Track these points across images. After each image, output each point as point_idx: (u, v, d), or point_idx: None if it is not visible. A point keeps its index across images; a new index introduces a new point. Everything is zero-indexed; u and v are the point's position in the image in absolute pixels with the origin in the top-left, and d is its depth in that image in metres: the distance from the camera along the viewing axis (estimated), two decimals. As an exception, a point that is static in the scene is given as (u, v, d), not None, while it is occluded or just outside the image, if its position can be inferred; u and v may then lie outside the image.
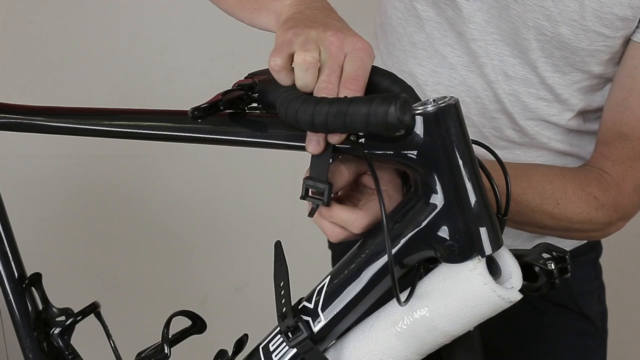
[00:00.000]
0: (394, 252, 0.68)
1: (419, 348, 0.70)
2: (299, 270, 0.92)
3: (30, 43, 1.83)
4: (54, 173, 1.90)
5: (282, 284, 0.74)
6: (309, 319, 0.72)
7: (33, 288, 0.97)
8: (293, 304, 0.73)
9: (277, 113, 0.67)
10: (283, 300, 0.73)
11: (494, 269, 0.68)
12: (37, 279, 0.97)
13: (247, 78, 0.75)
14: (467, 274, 0.66)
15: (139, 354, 0.88)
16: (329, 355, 0.74)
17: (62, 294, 1.03)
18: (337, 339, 0.75)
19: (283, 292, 0.73)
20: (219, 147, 0.78)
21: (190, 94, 1.09)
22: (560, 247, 0.73)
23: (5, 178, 1.04)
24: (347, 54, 0.67)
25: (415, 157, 0.65)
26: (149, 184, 1.96)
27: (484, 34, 0.94)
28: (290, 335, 0.72)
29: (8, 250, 0.97)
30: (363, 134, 0.67)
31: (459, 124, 0.65)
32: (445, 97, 0.65)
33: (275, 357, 0.75)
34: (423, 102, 0.66)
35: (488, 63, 0.96)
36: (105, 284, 1.97)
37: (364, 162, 0.70)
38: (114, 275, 1.99)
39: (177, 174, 1.96)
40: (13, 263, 0.97)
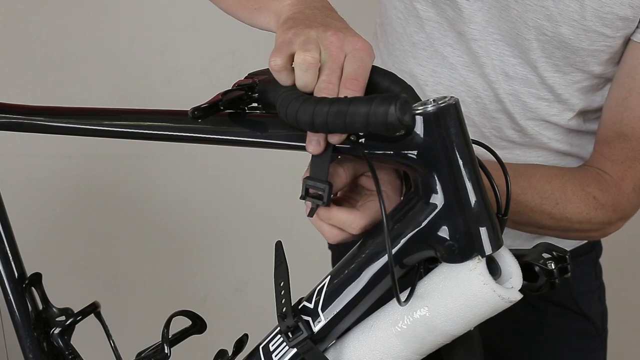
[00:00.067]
0: (394, 252, 0.68)
1: (419, 348, 0.70)
2: (299, 270, 0.92)
3: (30, 43, 1.83)
4: (54, 173, 1.90)
5: (282, 284, 0.74)
6: (309, 319, 0.72)
7: (33, 288, 0.97)
8: (293, 304, 0.73)
9: (277, 113, 0.67)
10: (283, 300, 0.72)
11: (494, 269, 0.68)
12: (37, 279, 0.97)
13: (247, 78, 0.75)
14: (467, 274, 0.66)
15: (139, 354, 0.88)
16: (329, 355, 0.74)
17: (62, 294, 1.03)
18: (337, 339, 0.75)
19: (283, 292, 0.73)
20: (219, 147, 0.78)
21: (190, 94, 1.09)
22: (561, 247, 0.73)
23: (5, 178, 1.04)
24: (347, 54, 0.67)
25: (415, 157, 0.65)
26: (149, 184, 1.96)
27: (485, 34, 0.94)
28: (290, 335, 0.72)
29: (8, 250, 0.97)
30: (363, 134, 0.67)
31: (459, 124, 0.65)
32: (446, 97, 0.65)
33: (275, 357, 0.75)
34: (423, 102, 0.66)
35: (488, 63, 0.96)
36: (105, 284, 1.97)
37: (362, 163, 0.71)
38: (114, 275, 1.99)
39: (177, 174, 1.96)
40: (13, 263, 0.97)
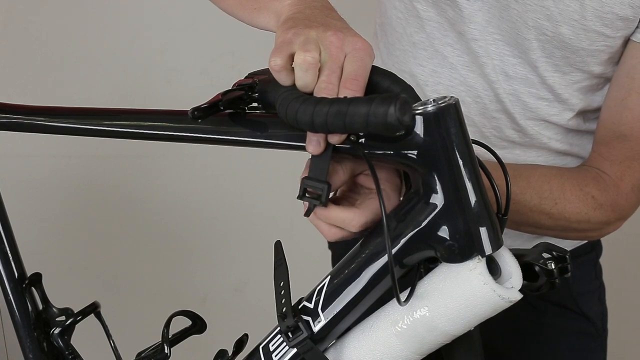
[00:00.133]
0: (394, 252, 0.68)
1: (419, 348, 0.70)
2: (299, 270, 0.92)
3: (30, 43, 1.83)
4: (54, 173, 1.90)
5: (282, 284, 0.74)
6: (309, 319, 0.72)
7: (33, 288, 0.97)
8: (293, 304, 0.73)
9: (277, 113, 0.67)
10: (283, 300, 0.72)
11: (494, 269, 0.68)
12: (37, 279, 0.97)
13: (247, 78, 0.75)
14: (467, 274, 0.66)
15: (139, 354, 0.88)
16: (329, 355, 0.74)
17: (62, 294, 1.03)
18: (337, 339, 0.75)
19: (283, 292, 0.73)
20: (219, 147, 0.78)
21: (190, 94, 1.09)
22: (561, 247, 0.73)
23: (5, 178, 1.04)
24: (347, 54, 0.67)
25: (416, 157, 0.65)
26: (149, 184, 1.96)
27: (485, 34, 0.94)
28: (290, 335, 0.72)
29: (8, 250, 0.97)
30: (363, 134, 0.67)
31: (459, 124, 0.65)
32: (446, 97, 0.65)
33: (275, 357, 0.75)
34: (423, 102, 0.66)
35: (488, 63, 0.96)
36: (105, 284, 1.97)
37: (360, 161, 0.70)
38: (114, 275, 1.99)
39: (177, 174, 1.96)
40: (13, 263, 0.97)
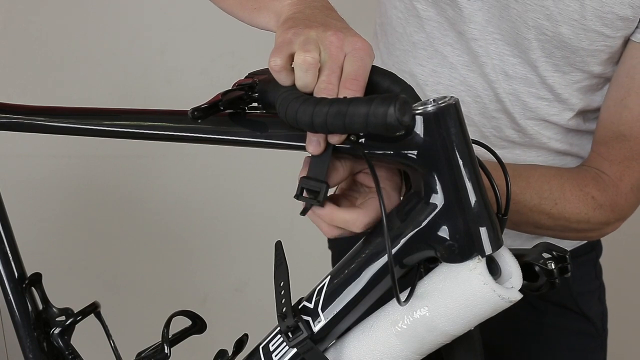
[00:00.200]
0: (394, 252, 0.68)
1: (419, 348, 0.70)
2: (299, 270, 0.92)
3: (30, 43, 1.83)
4: (54, 173, 1.90)
5: (282, 284, 0.74)
6: (309, 319, 0.72)
7: (33, 288, 0.97)
8: (293, 304, 0.73)
9: (277, 113, 0.67)
10: (283, 300, 0.72)
11: (494, 269, 0.68)
12: (37, 279, 0.97)
13: (247, 77, 0.75)
14: (467, 274, 0.66)
15: (139, 354, 0.88)
16: (329, 355, 0.74)
17: (62, 294, 1.03)
18: (337, 339, 0.75)
19: (283, 292, 0.73)
20: (219, 147, 0.78)
21: (190, 94, 1.09)
22: (561, 246, 0.73)
23: (5, 178, 1.04)
24: (347, 54, 0.67)
25: (416, 157, 0.65)
26: (149, 184, 1.96)
27: (485, 34, 0.94)
28: (291, 335, 0.72)
29: (8, 250, 0.97)
30: (363, 134, 0.67)
31: (459, 124, 0.65)
32: (446, 97, 0.65)
33: (275, 357, 0.75)
34: (423, 102, 0.66)
35: (488, 62, 0.96)
36: (105, 284, 1.97)
37: (360, 160, 0.70)
38: (114, 275, 1.99)
39: (177, 174, 1.96)
40: (13, 263, 0.97)
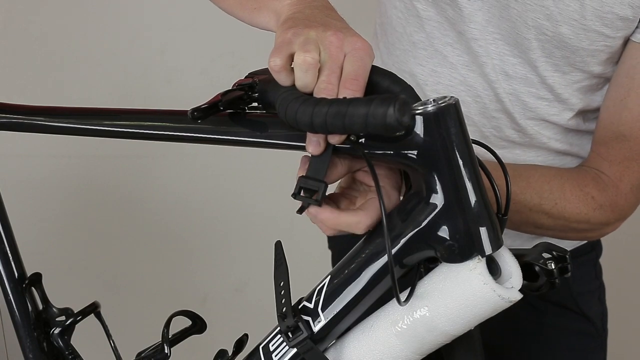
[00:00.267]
0: (394, 252, 0.68)
1: (419, 348, 0.70)
2: (299, 270, 0.92)
3: (30, 43, 1.83)
4: (54, 173, 1.90)
5: (282, 284, 0.74)
6: (309, 319, 0.72)
7: (33, 288, 0.97)
8: (293, 304, 0.73)
9: (277, 113, 0.67)
10: (283, 300, 0.72)
11: (494, 269, 0.68)
12: (37, 279, 0.97)
13: (247, 77, 0.75)
14: (467, 274, 0.66)
15: (139, 354, 0.88)
16: (329, 355, 0.74)
17: (62, 294, 1.03)
18: (337, 339, 0.75)
19: (283, 292, 0.73)
20: (219, 147, 0.78)
21: (190, 94, 1.09)
22: (561, 246, 0.73)
23: (5, 178, 1.04)
24: (346, 54, 0.67)
25: (416, 157, 0.65)
26: (149, 184, 1.96)
27: (485, 34, 0.94)
28: (291, 335, 0.72)
29: (8, 250, 0.97)
30: (363, 134, 0.67)
31: (459, 124, 0.65)
32: (446, 96, 0.65)
33: (275, 357, 0.75)
34: (423, 102, 0.66)
35: (488, 62, 0.96)
36: (105, 284, 1.97)
37: (360, 159, 0.70)
38: (114, 275, 1.99)
39: (177, 174, 1.96)
40: (13, 263, 0.97)
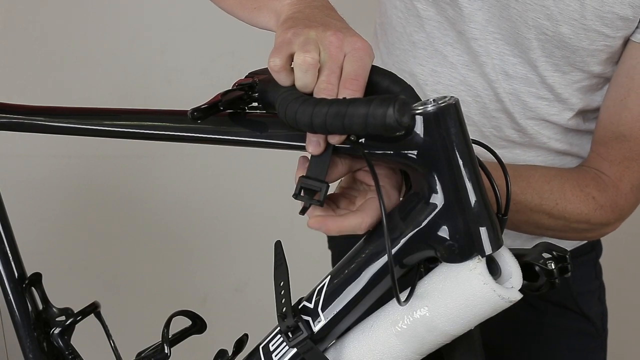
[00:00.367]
0: (394, 252, 0.68)
1: (419, 348, 0.70)
2: (299, 270, 0.92)
3: (30, 43, 1.83)
4: (54, 173, 1.90)
5: (282, 284, 0.74)
6: (309, 319, 0.72)
7: (33, 288, 0.97)
8: (293, 304, 0.73)
9: (277, 113, 0.67)
10: (283, 300, 0.72)
11: (494, 269, 0.68)
12: (37, 279, 0.97)
13: (247, 77, 0.75)
14: (467, 274, 0.66)
15: (139, 354, 0.88)
16: (329, 355, 0.74)
17: (62, 294, 1.03)
18: (337, 339, 0.75)
19: (283, 292, 0.73)
20: (219, 147, 0.78)
21: (190, 94, 1.09)
22: (561, 246, 0.73)
23: (5, 178, 1.04)
24: (346, 54, 0.67)
25: (416, 157, 0.65)
26: (149, 184, 1.96)
27: (485, 33, 0.94)
28: (290, 335, 0.72)
29: (8, 250, 0.97)
30: (363, 134, 0.67)
31: (459, 124, 0.65)
32: (446, 96, 0.65)
33: (275, 357, 0.75)
34: (423, 101, 0.66)
35: (488, 62, 0.96)
36: (105, 284, 1.97)
37: (360, 159, 0.70)
38: (114, 275, 1.99)
39: (177, 174, 1.96)
40: (13, 263, 0.97)
